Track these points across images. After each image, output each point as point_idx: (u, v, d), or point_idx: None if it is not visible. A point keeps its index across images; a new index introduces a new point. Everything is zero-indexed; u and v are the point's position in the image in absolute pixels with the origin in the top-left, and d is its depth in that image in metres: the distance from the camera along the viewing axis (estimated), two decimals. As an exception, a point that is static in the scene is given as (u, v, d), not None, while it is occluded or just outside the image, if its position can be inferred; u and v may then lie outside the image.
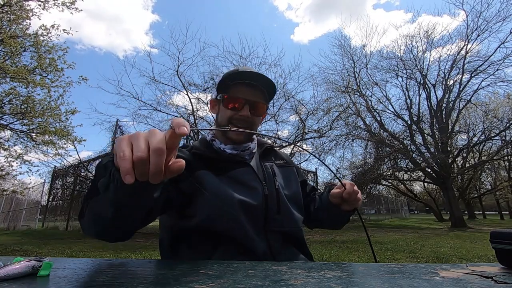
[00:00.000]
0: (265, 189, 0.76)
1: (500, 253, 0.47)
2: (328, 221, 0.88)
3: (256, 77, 0.80)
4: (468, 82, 12.53)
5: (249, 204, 0.71)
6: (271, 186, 0.78)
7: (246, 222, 0.69)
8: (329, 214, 0.85)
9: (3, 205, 13.07)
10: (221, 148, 0.81)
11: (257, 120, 0.83)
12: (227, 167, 0.77)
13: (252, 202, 0.72)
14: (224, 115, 0.80)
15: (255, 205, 0.72)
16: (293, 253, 0.76)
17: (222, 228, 0.68)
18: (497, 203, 28.54)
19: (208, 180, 0.71)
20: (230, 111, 0.79)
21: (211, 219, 0.68)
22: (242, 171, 0.77)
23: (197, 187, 0.70)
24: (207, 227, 0.68)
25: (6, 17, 6.45)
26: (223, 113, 0.81)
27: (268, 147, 0.91)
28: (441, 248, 5.08)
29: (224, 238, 0.68)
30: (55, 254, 4.46)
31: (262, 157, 0.86)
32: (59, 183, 10.61)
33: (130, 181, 0.36)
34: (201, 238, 0.69)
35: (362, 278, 0.40)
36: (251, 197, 0.73)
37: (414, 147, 13.05)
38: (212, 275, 0.42)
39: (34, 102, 6.99)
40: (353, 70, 13.41)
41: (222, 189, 0.71)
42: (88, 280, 0.40)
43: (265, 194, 0.75)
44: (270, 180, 0.79)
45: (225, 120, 0.80)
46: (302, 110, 10.74)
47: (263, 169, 0.81)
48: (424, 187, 23.51)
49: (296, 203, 0.83)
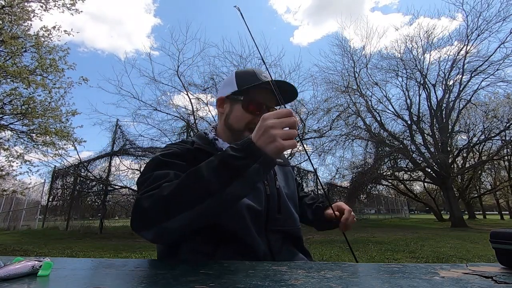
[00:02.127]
0: (267, 188, 0.76)
1: (500, 253, 0.47)
2: (319, 227, 0.97)
3: (283, 86, 0.78)
4: (468, 82, 12.54)
5: (252, 203, 0.71)
6: (273, 186, 0.78)
7: (250, 221, 0.69)
8: (321, 224, 0.94)
9: (3, 205, 13.07)
10: (223, 148, 0.79)
11: None
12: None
13: (256, 201, 0.72)
14: (242, 118, 0.78)
15: (259, 204, 0.72)
16: (291, 252, 0.76)
17: (227, 227, 0.67)
18: (497, 203, 28.55)
19: None
20: (249, 115, 0.77)
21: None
22: None
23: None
24: (211, 225, 0.67)
25: (8, 18, 6.46)
26: (239, 114, 0.78)
27: None
28: (441, 248, 5.08)
29: (227, 237, 0.68)
30: (55, 254, 4.46)
31: None
32: (59, 183, 10.60)
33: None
34: (203, 237, 0.69)
35: (362, 278, 0.40)
36: (255, 196, 0.73)
37: (414, 147, 13.04)
38: (212, 275, 0.42)
39: (35, 102, 6.99)
40: (353, 70, 13.42)
41: None
42: (88, 280, 0.40)
43: (267, 194, 0.75)
44: (271, 179, 0.79)
45: (242, 122, 0.78)
46: (302, 110, 10.75)
47: None
48: (424, 187, 23.49)
49: (294, 202, 0.83)
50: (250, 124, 0.77)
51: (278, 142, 0.52)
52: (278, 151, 0.52)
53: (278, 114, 0.55)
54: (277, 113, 0.55)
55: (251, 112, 0.77)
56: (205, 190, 0.52)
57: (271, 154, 0.53)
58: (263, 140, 0.53)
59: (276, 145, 0.52)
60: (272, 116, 0.54)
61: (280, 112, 0.55)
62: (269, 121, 0.53)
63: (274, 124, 0.53)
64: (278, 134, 0.52)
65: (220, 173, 0.53)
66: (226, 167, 0.53)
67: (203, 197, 0.52)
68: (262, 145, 0.53)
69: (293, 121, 0.54)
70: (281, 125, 0.53)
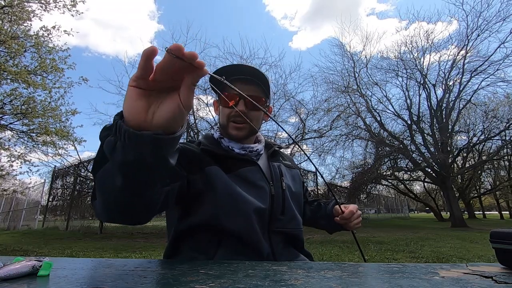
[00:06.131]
0: (272, 189, 0.76)
1: (500, 253, 0.47)
2: (327, 228, 0.96)
3: (248, 71, 0.78)
4: (468, 82, 12.53)
5: (259, 204, 0.71)
6: (278, 186, 0.78)
7: (255, 222, 0.69)
8: (329, 224, 0.93)
9: (3, 205, 13.07)
10: (230, 147, 0.80)
11: (256, 114, 0.80)
12: (236, 165, 0.76)
13: (261, 201, 0.72)
14: (223, 114, 0.81)
15: (263, 204, 0.72)
16: (293, 254, 0.76)
17: (232, 226, 0.67)
18: (497, 203, 28.55)
19: (219, 177, 0.70)
20: (228, 109, 0.79)
21: (222, 217, 0.67)
22: (249, 170, 0.76)
23: (206, 183, 0.69)
24: (216, 224, 0.68)
25: (8, 18, 6.46)
26: (221, 112, 0.82)
27: (276, 149, 0.91)
28: (441, 248, 5.08)
29: (231, 237, 0.68)
30: (55, 254, 4.46)
31: (270, 157, 0.86)
32: (59, 183, 10.60)
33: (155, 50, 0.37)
34: (206, 235, 0.69)
35: (362, 278, 0.40)
36: (260, 196, 0.73)
37: (414, 147, 13.05)
38: (212, 275, 0.42)
39: (35, 102, 7.00)
40: (353, 70, 13.42)
41: (234, 188, 0.70)
42: (88, 280, 0.40)
43: (271, 194, 0.75)
44: (277, 180, 0.79)
45: (224, 118, 0.80)
46: (302, 110, 10.76)
47: (271, 169, 0.81)
48: (424, 187, 23.49)
49: (298, 204, 0.84)
50: (229, 116, 0.79)
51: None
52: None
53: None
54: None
55: (224, 106, 0.80)
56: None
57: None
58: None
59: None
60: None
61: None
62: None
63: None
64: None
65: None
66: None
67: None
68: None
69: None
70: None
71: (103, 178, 0.47)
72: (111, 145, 0.42)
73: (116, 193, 0.46)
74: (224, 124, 0.80)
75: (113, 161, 0.43)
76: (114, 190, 0.46)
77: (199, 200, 0.69)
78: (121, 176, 0.44)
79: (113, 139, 0.42)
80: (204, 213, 0.68)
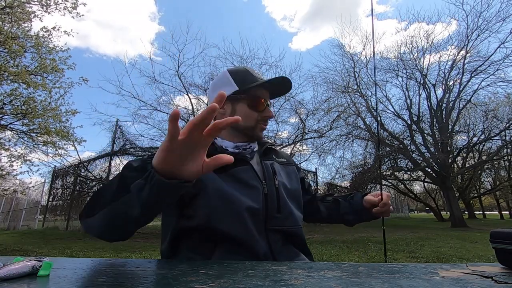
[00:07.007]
0: (265, 188, 0.75)
1: (500, 253, 0.47)
2: (353, 222, 0.96)
3: (281, 81, 0.82)
4: (468, 82, 12.54)
5: (252, 203, 0.71)
6: (271, 185, 0.77)
7: (249, 222, 0.69)
8: (359, 217, 0.94)
9: (3, 205, 13.06)
10: (223, 147, 0.80)
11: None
12: (228, 165, 0.76)
13: (254, 201, 0.72)
14: (250, 116, 0.81)
15: (256, 204, 0.72)
16: (293, 252, 0.76)
17: (226, 227, 0.67)
18: (497, 203, 28.55)
19: (210, 177, 0.70)
20: (256, 112, 0.81)
21: (215, 218, 0.67)
22: (242, 169, 0.76)
23: (199, 184, 0.69)
24: (210, 226, 0.68)
25: (8, 19, 6.47)
26: (246, 113, 0.80)
27: (269, 146, 0.91)
28: (441, 248, 5.08)
29: (225, 238, 0.68)
30: (55, 254, 4.46)
31: (263, 156, 0.86)
32: (59, 183, 10.60)
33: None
34: (202, 237, 0.69)
35: (362, 278, 0.40)
36: (252, 196, 0.73)
37: (414, 147, 13.05)
38: (212, 275, 0.42)
39: (35, 102, 7.00)
40: (353, 70, 13.42)
41: (226, 188, 0.70)
42: (88, 280, 0.40)
43: (264, 193, 0.74)
44: (270, 178, 0.78)
45: (251, 121, 0.81)
46: (302, 110, 10.75)
47: (263, 168, 0.80)
48: (424, 187, 23.48)
49: (296, 201, 0.83)
50: (259, 121, 0.82)
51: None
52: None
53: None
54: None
55: (257, 110, 0.81)
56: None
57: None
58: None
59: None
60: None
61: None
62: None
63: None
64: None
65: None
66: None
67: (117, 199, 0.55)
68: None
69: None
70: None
71: (120, 207, 0.53)
72: (140, 187, 0.50)
73: (128, 220, 0.54)
74: (252, 126, 0.81)
75: (138, 197, 0.51)
76: (128, 218, 0.54)
77: (193, 202, 0.69)
78: (139, 208, 0.51)
79: (143, 182, 0.50)
80: (198, 216, 0.68)
